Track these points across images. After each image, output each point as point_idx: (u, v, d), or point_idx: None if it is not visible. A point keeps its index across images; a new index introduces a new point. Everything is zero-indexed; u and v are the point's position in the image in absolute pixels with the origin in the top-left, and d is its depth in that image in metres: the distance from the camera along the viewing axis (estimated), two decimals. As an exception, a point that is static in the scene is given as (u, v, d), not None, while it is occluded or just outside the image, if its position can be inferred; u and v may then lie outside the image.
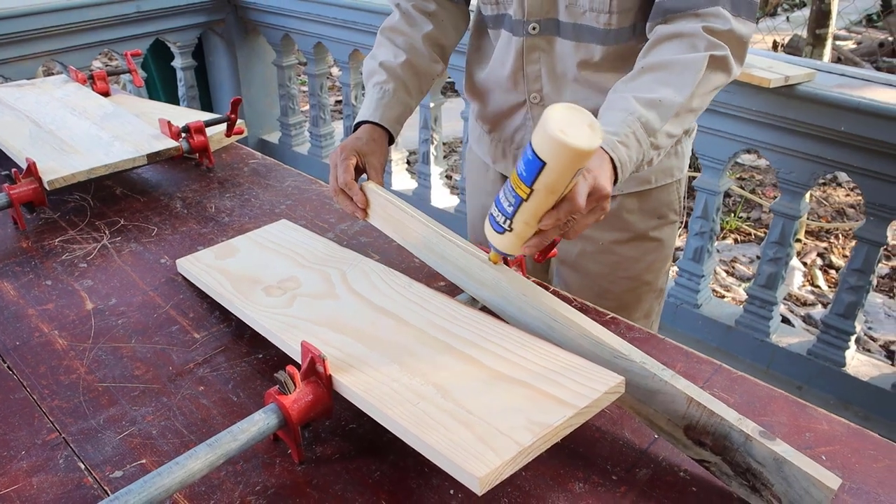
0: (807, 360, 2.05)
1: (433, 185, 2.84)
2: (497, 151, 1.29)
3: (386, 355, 0.82)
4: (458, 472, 0.66)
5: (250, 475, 0.78)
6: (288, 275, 1.03)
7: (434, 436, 0.69)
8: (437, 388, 0.76)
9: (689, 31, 0.95)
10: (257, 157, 1.58)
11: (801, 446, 0.82)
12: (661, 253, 1.26)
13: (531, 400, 0.73)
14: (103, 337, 0.99)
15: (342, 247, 1.11)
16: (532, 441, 0.68)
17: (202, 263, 1.10)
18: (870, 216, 1.83)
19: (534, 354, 0.81)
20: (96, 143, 1.41)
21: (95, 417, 0.86)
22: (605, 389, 0.74)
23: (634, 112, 0.92)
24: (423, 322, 0.89)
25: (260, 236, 1.16)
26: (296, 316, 0.93)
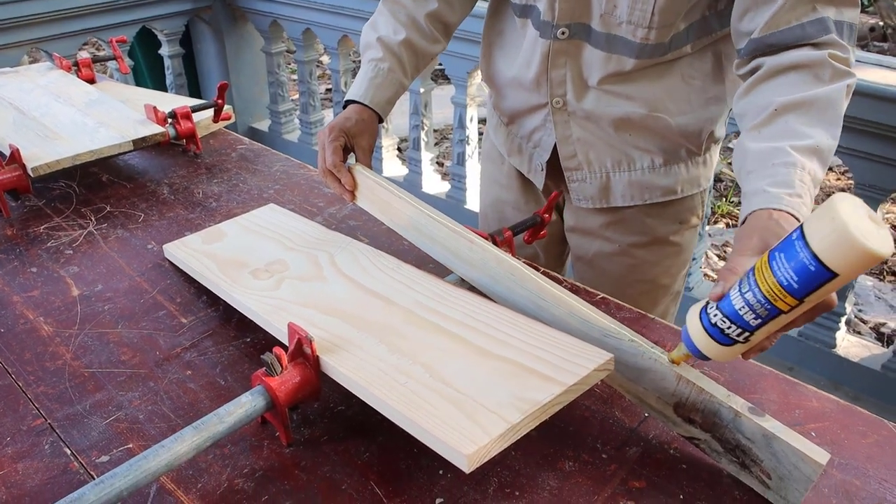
0: (797, 341, 2.06)
1: (424, 171, 2.83)
2: (513, 146, 1.25)
3: (374, 336, 0.82)
4: (445, 449, 0.66)
5: (238, 458, 0.77)
6: (275, 258, 1.02)
7: (422, 414, 0.69)
8: (424, 368, 0.76)
9: (812, 61, 0.85)
10: (245, 143, 1.56)
11: (791, 423, 0.82)
12: (680, 257, 1.22)
13: (519, 377, 0.73)
14: (89, 323, 0.98)
15: (331, 230, 1.10)
16: (520, 418, 0.67)
17: (189, 248, 1.09)
18: (860, 197, 1.83)
19: (522, 333, 0.80)
20: (81, 129, 1.40)
21: (81, 403, 0.85)
22: (595, 366, 0.73)
23: (804, 167, 0.79)
24: (411, 302, 0.88)
25: (248, 220, 1.15)
26: (283, 298, 0.92)
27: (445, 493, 0.73)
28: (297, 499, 0.72)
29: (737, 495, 0.73)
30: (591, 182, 1.16)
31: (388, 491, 0.73)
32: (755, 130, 0.86)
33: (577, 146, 1.13)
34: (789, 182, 0.78)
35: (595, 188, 1.16)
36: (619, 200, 1.16)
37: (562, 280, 1.08)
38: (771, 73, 0.88)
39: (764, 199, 0.78)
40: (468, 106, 2.60)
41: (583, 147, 1.12)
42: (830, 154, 0.83)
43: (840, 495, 0.73)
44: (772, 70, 0.88)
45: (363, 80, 1.14)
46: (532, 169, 1.23)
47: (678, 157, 1.12)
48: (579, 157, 1.14)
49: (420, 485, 0.74)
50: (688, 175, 1.14)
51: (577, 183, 1.17)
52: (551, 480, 0.74)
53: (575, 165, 1.15)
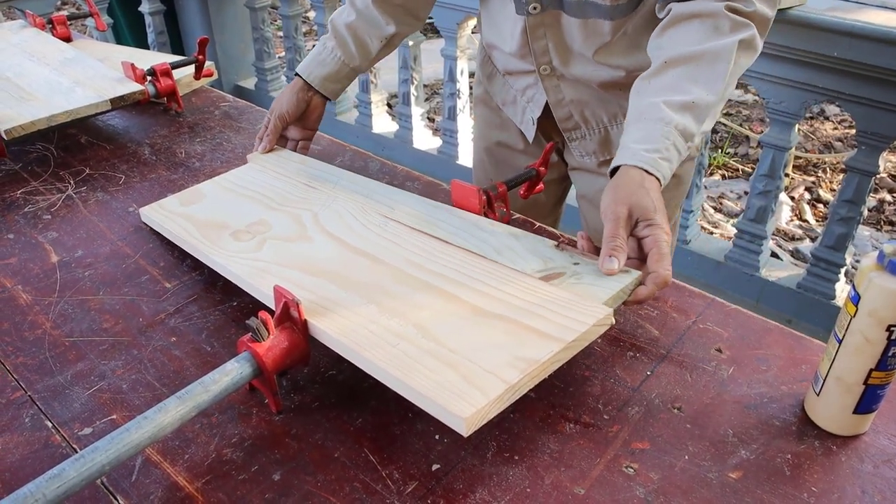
0: (796, 293, 2.04)
1: (414, 126, 2.77)
2: (507, 96, 1.24)
3: (363, 297, 0.79)
4: (442, 413, 0.63)
5: (226, 427, 0.74)
6: (257, 218, 0.99)
7: (416, 377, 0.66)
8: (416, 328, 0.73)
9: (709, 11, 0.87)
10: (229, 100, 1.51)
11: (798, 378, 0.79)
12: (680, 188, 1.22)
13: (515, 336, 0.70)
14: (69, 290, 0.95)
15: (312, 186, 1.06)
16: (518, 378, 0.65)
17: (166, 211, 1.05)
18: (861, 145, 1.79)
19: (516, 289, 0.78)
20: (56, 89, 1.34)
21: (62, 374, 0.81)
22: (593, 322, 0.71)
23: (670, 121, 0.84)
24: (400, 261, 0.85)
25: (227, 180, 1.11)
26: (266, 260, 0.88)
27: (442, 458, 0.70)
28: (289, 468, 0.70)
29: (743, 455, 0.71)
30: (591, 138, 1.17)
31: (383, 458, 0.71)
32: (645, 81, 0.89)
33: (572, 107, 1.14)
34: (652, 138, 0.83)
35: (595, 143, 1.17)
36: None
37: (559, 235, 1.04)
38: (674, 20, 0.90)
39: (626, 156, 0.84)
40: (458, 59, 2.53)
41: (577, 107, 1.14)
42: (710, 109, 0.86)
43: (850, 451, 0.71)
44: (675, 17, 0.90)
45: (310, 55, 1.22)
46: (524, 121, 1.23)
47: None
48: (575, 118, 1.15)
49: (416, 451, 0.71)
50: None
51: (577, 141, 1.18)
52: (552, 443, 0.72)
53: (572, 125, 1.17)
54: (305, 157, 1.17)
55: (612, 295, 0.76)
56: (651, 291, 0.78)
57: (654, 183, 0.83)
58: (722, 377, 0.80)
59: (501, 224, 0.91)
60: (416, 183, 1.17)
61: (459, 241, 0.89)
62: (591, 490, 0.67)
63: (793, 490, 0.67)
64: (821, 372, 0.73)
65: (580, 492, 0.67)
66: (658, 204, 0.81)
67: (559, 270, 0.81)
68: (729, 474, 0.69)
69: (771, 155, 1.94)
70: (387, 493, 0.67)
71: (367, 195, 1.01)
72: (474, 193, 0.95)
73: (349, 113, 3.11)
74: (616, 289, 0.77)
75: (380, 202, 0.99)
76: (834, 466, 0.70)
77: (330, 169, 1.11)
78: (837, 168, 3.32)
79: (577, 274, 0.80)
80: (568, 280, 0.79)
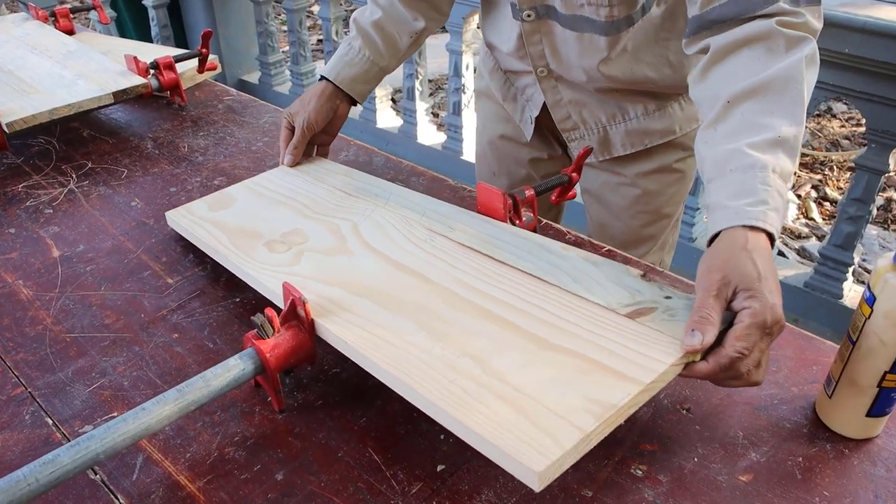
0: (803, 292, 2.02)
1: (419, 121, 2.75)
2: (508, 93, 1.23)
3: (411, 320, 0.72)
4: (510, 464, 0.57)
5: (228, 425, 0.73)
6: (291, 227, 0.93)
7: (477, 419, 0.59)
8: (474, 360, 0.66)
9: (760, 33, 0.77)
10: (232, 94, 1.49)
11: (808, 379, 0.78)
12: (683, 185, 1.21)
13: (586, 374, 0.63)
14: (71, 285, 0.94)
15: (350, 194, 1.01)
16: (595, 426, 0.58)
17: (195, 216, 0.99)
18: (871, 143, 1.77)
19: (582, 318, 0.70)
20: (58, 82, 1.33)
21: (63, 370, 0.81)
22: (672, 361, 0.63)
23: (765, 165, 0.71)
24: (451, 280, 0.78)
25: (258, 184, 1.06)
26: (303, 275, 0.82)
27: (448, 459, 0.69)
28: (291, 467, 0.69)
29: (753, 457, 0.69)
30: (590, 138, 1.16)
31: (387, 458, 0.70)
32: (711, 128, 0.78)
33: (570, 108, 1.13)
34: (751, 189, 0.70)
35: (594, 143, 1.16)
36: (619, 150, 1.16)
37: (565, 232, 1.03)
38: (720, 55, 0.80)
39: (725, 217, 0.71)
40: (463, 53, 2.51)
41: (575, 108, 1.13)
42: (799, 140, 0.75)
43: (863, 454, 0.70)
44: (720, 51, 0.80)
45: (335, 57, 1.15)
46: (522, 120, 1.23)
47: (671, 99, 1.11)
48: (574, 118, 1.14)
49: (421, 451, 0.70)
50: (683, 114, 1.13)
51: (576, 141, 1.17)
52: (558, 444, 0.71)
53: (571, 126, 1.16)
54: (350, 170, 1.08)
55: None
56: (710, 371, 0.65)
57: (762, 242, 0.69)
58: (732, 378, 0.78)
59: (574, 248, 0.82)
60: (421, 178, 1.16)
61: (523, 265, 0.80)
62: (599, 492, 0.66)
63: (804, 494, 0.66)
64: (833, 374, 0.72)
65: (588, 494, 0.66)
66: (764, 270, 0.66)
67: (650, 305, 0.71)
68: (739, 477, 0.67)
69: (779, 152, 1.92)
70: (391, 493, 0.66)
71: (421, 213, 0.93)
72: (499, 197, 0.91)
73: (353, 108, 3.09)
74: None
75: (432, 219, 0.91)
76: (846, 470, 0.69)
77: (378, 182, 1.03)
78: (844, 166, 3.30)
79: (671, 310, 0.70)
80: (661, 316, 0.69)
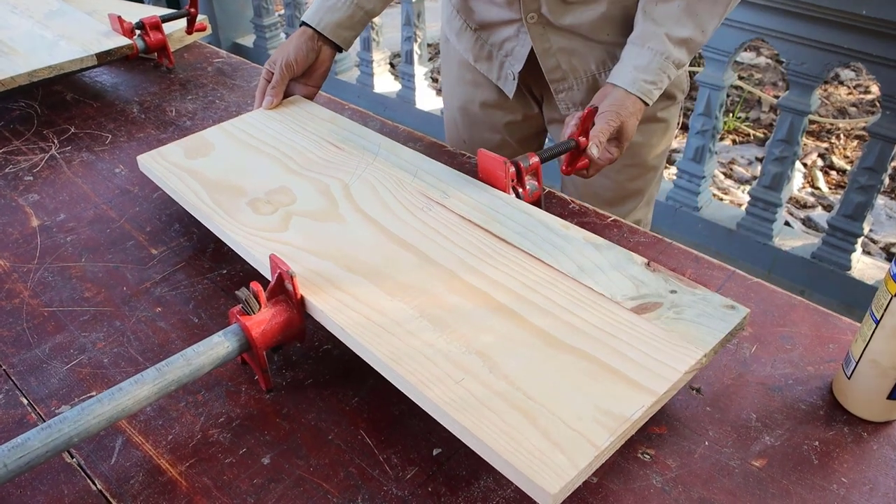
0: (810, 263, 1.98)
1: (417, 86, 2.68)
2: (481, 53, 1.16)
3: (411, 307, 0.67)
4: (522, 482, 0.53)
5: (213, 405, 0.69)
6: (277, 184, 0.87)
7: (487, 429, 0.55)
8: (482, 359, 0.62)
9: None
10: (222, 56, 1.43)
11: (825, 358, 0.74)
12: (667, 134, 1.18)
13: (596, 379, 0.60)
14: (50, 256, 0.89)
15: (337, 146, 0.95)
16: (608, 441, 0.54)
17: (168, 162, 0.93)
18: (886, 110, 1.71)
19: (589, 313, 0.66)
20: (39, 43, 1.27)
21: (40, 346, 0.76)
22: (685, 369, 0.60)
23: (669, 55, 0.94)
24: (452, 260, 0.73)
25: (237, 128, 1.00)
26: (293, 244, 0.76)
27: (444, 442, 0.66)
28: (279, 450, 0.65)
29: (767, 441, 0.66)
30: (578, 88, 1.11)
31: (380, 441, 0.66)
32: (651, 5, 0.95)
33: (560, 56, 1.08)
34: (654, 71, 0.94)
35: (582, 93, 1.11)
36: None
37: (569, 201, 0.98)
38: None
39: (629, 80, 0.94)
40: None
41: (565, 56, 1.08)
42: (699, 47, 0.97)
43: (883, 438, 0.66)
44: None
45: (317, 2, 1.09)
46: (502, 77, 1.16)
47: None
48: (563, 67, 1.09)
49: (415, 433, 0.67)
50: None
51: (563, 93, 1.12)
52: (561, 427, 0.67)
53: (560, 76, 1.10)
54: (335, 115, 1.02)
55: (720, 339, 0.64)
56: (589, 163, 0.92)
57: (640, 109, 0.95)
58: (744, 356, 0.74)
59: (575, 227, 0.78)
60: (419, 144, 1.11)
61: (527, 246, 0.75)
62: (605, 478, 0.62)
63: (821, 480, 0.62)
64: (853, 353, 0.68)
65: (593, 480, 0.62)
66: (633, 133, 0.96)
67: (654, 300, 0.68)
68: (752, 462, 0.64)
69: (789, 119, 1.86)
70: (384, 479, 0.63)
71: (413, 173, 0.88)
72: (500, 165, 0.86)
73: (350, 72, 3.02)
74: (725, 330, 0.64)
75: (427, 182, 0.86)
76: (865, 455, 0.65)
77: (365, 133, 0.98)
78: (851, 134, 3.23)
79: (677, 307, 0.67)
80: (666, 313, 0.66)
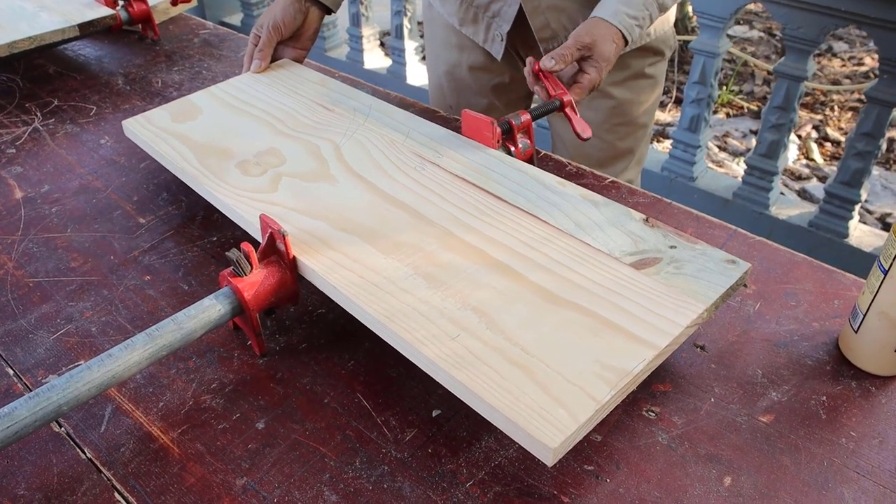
0: (807, 231, 1.97)
1: (408, 61, 2.65)
2: (466, 15, 1.14)
3: (406, 264, 0.66)
4: (522, 437, 0.52)
5: (205, 371, 0.68)
6: (266, 146, 0.85)
7: (485, 385, 0.54)
8: (478, 315, 0.60)
9: None
10: (209, 27, 1.40)
11: (830, 314, 0.73)
12: (655, 91, 1.17)
13: (596, 334, 0.58)
14: (34, 227, 0.87)
15: (327, 107, 0.93)
16: (609, 395, 0.53)
17: (155, 127, 0.90)
18: (883, 74, 1.69)
19: (587, 268, 0.65)
20: (19, 14, 1.23)
21: (25, 317, 0.74)
22: (687, 322, 0.59)
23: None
24: (446, 218, 0.71)
25: (225, 92, 0.97)
26: (284, 205, 0.75)
27: (443, 403, 0.64)
28: (274, 415, 0.63)
29: (774, 397, 0.64)
30: None
31: (378, 403, 0.64)
32: None
33: (548, 14, 1.06)
34: (636, 6, 0.92)
35: None
36: None
37: (566, 163, 0.96)
38: None
39: (612, 13, 0.92)
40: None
41: (554, 14, 1.06)
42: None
43: (891, 392, 0.65)
44: None
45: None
46: (490, 39, 1.14)
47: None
48: (553, 26, 1.07)
49: (414, 395, 0.65)
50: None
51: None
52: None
53: (549, 35, 1.08)
54: (325, 77, 1.00)
55: (721, 294, 0.62)
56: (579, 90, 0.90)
57: (622, 43, 0.92)
58: (748, 313, 0.73)
59: (571, 185, 0.76)
60: (412, 109, 1.09)
61: (522, 203, 0.73)
62: (609, 436, 0.61)
63: (829, 435, 0.61)
64: (860, 306, 0.66)
65: (597, 439, 0.61)
66: (613, 60, 0.92)
67: (654, 255, 0.66)
68: (759, 418, 0.62)
69: (785, 86, 1.84)
70: (383, 441, 0.61)
71: (406, 134, 0.86)
72: (487, 126, 0.83)
73: (340, 48, 2.98)
74: (727, 285, 0.63)
75: (418, 142, 0.84)
76: (874, 409, 0.63)
77: (356, 94, 0.95)
78: (846, 106, 3.22)
79: (677, 262, 0.65)
80: (666, 268, 0.65)
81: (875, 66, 3.42)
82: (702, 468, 0.58)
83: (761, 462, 0.59)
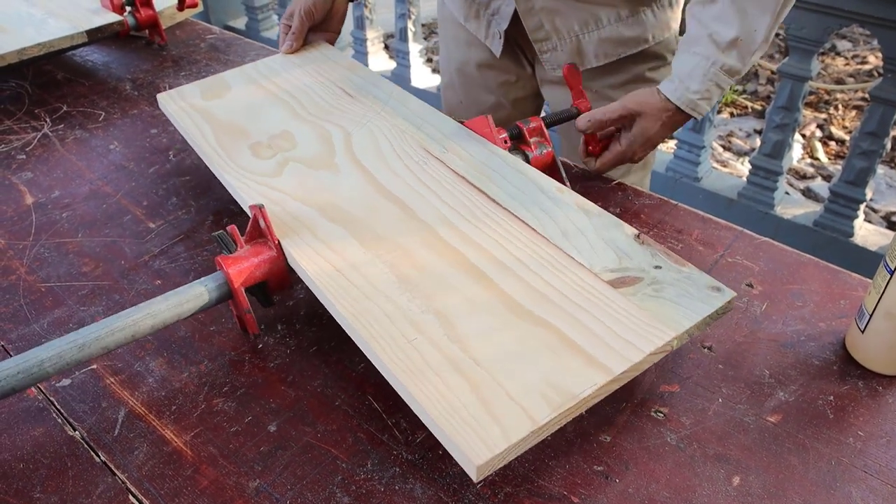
0: (812, 231, 1.97)
1: (412, 63, 2.66)
2: (470, 11, 1.15)
3: (383, 261, 0.67)
4: (452, 448, 0.52)
5: (216, 375, 0.68)
6: (281, 129, 0.87)
7: (427, 391, 0.55)
8: (440, 320, 0.61)
9: None
10: (215, 32, 1.41)
11: (836, 314, 0.73)
12: None
13: (554, 351, 0.57)
14: (46, 233, 0.88)
15: (348, 93, 0.95)
16: (548, 418, 0.52)
17: (185, 102, 0.95)
18: (887, 73, 1.69)
19: (562, 283, 0.64)
20: (27, 21, 1.24)
21: (38, 321, 0.75)
22: (651, 349, 0.57)
23: (716, 61, 0.85)
24: (436, 218, 0.72)
25: (257, 71, 1.01)
26: (283, 190, 0.77)
27: (453, 405, 0.64)
28: (285, 418, 0.64)
29: (781, 397, 0.65)
30: (563, 49, 1.09)
31: (388, 405, 0.65)
32: (700, 4, 0.86)
33: (542, 16, 1.06)
34: (697, 76, 0.85)
35: (567, 54, 1.09)
36: (592, 61, 1.09)
37: (572, 166, 0.97)
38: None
39: (670, 87, 0.87)
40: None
41: (548, 16, 1.06)
42: (755, 41, 0.83)
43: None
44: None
45: None
46: (489, 36, 1.15)
47: (643, 4, 1.05)
48: (546, 27, 1.07)
49: (424, 397, 0.65)
50: (656, 21, 1.07)
51: (548, 53, 1.10)
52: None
53: (543, 36, 1.08)
54: (355, 63, 1.02)
55: (696, 322, 0.60)
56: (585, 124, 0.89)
57: (678, 119, 0.88)
58: (755, 314, 0.73)
59: (571, 192, 0.75)
60: (418, 114, 1.09)
61: (514, 207, 0.73)
62: (618, 437, 0.61)
63: (837, 434, 0.61)
64: (867, 306, 0.67)
65: (606, 439, 0.61)
66: (656, 143, 0.91)
67: (635, 274, 0.65)
68: (767, 418, 0.63)
69: (789, 86, 1.84)
70: (393, 443, 0.61)
71: (418, 126, 0.87)
72: (485, 122, 0.84)
73: (344, 52, 2.99)
74: (704, 314, 0.60)
75: (428, 134, 0.85)
76: (881, 408, 0.64)
77: (381, 82, 0.97)
78: (850, 105, 3.22)
79: (657, 283, 0.63)
80: (644, 290, 0.63)
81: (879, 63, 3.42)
82: (710, 468, 0.59)
83: (769, 462, 0.59)
